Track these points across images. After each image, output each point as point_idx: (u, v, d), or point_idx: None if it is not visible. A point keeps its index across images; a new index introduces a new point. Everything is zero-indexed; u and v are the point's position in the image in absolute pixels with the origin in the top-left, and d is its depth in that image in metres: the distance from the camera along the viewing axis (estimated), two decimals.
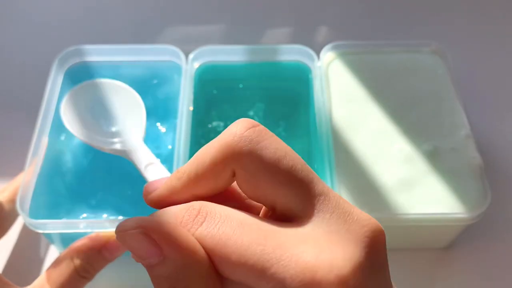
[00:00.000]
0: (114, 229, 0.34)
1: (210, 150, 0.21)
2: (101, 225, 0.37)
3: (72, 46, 0.46)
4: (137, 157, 0.30)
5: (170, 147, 0.42)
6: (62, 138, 0.42)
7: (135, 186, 0.40)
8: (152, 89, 0.45)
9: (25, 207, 0.38)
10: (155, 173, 0.29)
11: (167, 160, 0.41)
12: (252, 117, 0.44)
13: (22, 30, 0.58)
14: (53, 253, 0.42)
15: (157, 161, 0.28)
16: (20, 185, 0.38)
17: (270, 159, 0.20)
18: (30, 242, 0.42)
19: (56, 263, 0.35)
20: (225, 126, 0.44)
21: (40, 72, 0.46)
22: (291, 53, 0.46)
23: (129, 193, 0.40)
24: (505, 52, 0.55)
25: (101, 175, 0.40)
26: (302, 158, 0.21)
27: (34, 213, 0.38)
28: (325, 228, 0.20)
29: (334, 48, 0.46)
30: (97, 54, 0.47)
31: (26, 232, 0.42)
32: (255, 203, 0.23)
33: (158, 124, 0.43)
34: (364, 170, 0.40)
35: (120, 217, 0.38)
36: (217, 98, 0.45)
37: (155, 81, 0.46)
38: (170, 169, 0.40)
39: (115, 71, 0.46)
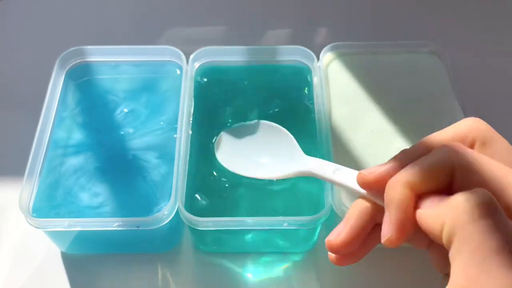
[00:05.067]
0: None
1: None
2: (104, 224, 0.37)
3: (74, 47, 0.47)
4: (322, 170, 0.34)
5: (170, 147, 0.42)
6: (64, 137, 0.43)
7: (136, 185, 0.40)
8: (153, 90, 0.46)
9: (27, 206, 0.38)
10: (345, 174, 0.32)
11: (168, 161, 0.41)
12: (252, 118, 0.44)
13: (24, 31, 0.58)
14: (54, 252, 0.42)
15: (338, 166, 0.33)
16: (22, 185, 0.38)
17: None
18: (32, 242, 0.43)
19: None
20: (226, 126, 0.44)
21: (42, 73, 0.47)
22: (290, 54, 0.46)
23: (130, 192, 0.40)
24: (503, 52, 0.55)
25: (103, 174, 0.41)
26: None
27: (36, 212, 0.38)
28: None
29: (334, 48, 0.47)
30: (98, 54, 0.47)
31: (27, 231, 0.43)
32: None
33: (159, 124, 0.44)
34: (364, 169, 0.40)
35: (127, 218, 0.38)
36: (218, 99, 0.46)
37: (155, 82, 0.46)
38: (171, 170, 0.40)
39: (116, 72, 0.47)
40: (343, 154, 0.40)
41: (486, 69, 0.54)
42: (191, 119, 0.43)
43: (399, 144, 0.41)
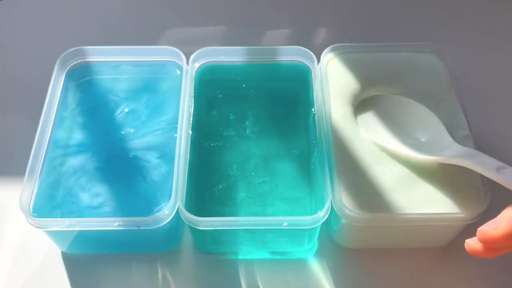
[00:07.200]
0: None
1: None
2: (104, 224, 0.37)
3: (74, 47, 0.47)
4: (482, 161, 0.32)
5: (171, 147, 0.42)
6: (64, 137, 0.43)
7: (136, 185, 0.40)
8: (153, 90, 0.46)
9: (27, 206, 0.38)
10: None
11: (168, 160, 0.41)
12: (252, 118, 0.44)
13: (24, 31, 0.58)
14: (54, 252, 0.42)
15: (502, 163, 0.31)
16: (22, 185, 0.38)
17: None
18: (32, 241, 0.43)
19: None
20: (225, 126, 0.44)
21: (42, 73, 0.47)
22: (290, 54, 0.46)
23: (131, 192, 0.40)
24: (504, 52, 0.55)
25: (103, 174, 0.41)
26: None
27: (36, 212, 0.38)
28: None
29: (334, 50, 0.46)
30: (98, 54, 0.47)
31: (27, 231, 0.43)
32: None
33: (159, 124, 0.44)
34: (364, 170, 0.40)
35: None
36: (218, 99, 0.46)
37: (156, 82, 0.46)
38: (171, 170, 0.40)
39: (116, 72, 0.47)
40: (343, 154, 0.40)
41: (487, 70, 0.54)
42: (191, 119, 0.43)
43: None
